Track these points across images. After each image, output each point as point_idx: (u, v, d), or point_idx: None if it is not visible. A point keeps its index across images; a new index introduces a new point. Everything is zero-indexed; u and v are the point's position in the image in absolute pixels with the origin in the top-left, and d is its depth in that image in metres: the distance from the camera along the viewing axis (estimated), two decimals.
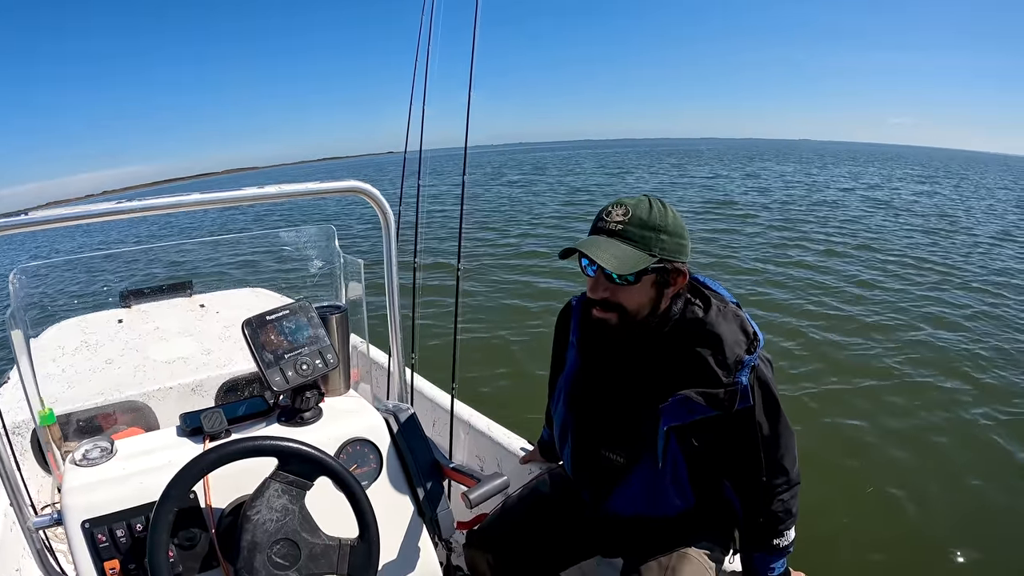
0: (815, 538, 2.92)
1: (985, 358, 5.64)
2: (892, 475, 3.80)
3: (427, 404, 2.38)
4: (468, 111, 2.08)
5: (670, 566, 1.33)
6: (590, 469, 1.41)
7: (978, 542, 3.19)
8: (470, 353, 5.54)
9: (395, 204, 2.08)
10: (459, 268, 2.17)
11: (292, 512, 1.06)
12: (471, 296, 7.64)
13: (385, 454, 1.40)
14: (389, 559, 1.35)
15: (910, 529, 3.33)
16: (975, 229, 13.45)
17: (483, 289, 8.10)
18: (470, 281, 8.37)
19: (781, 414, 1.28)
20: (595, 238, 1.22)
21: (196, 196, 1.26)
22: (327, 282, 1.65)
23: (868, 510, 3.46)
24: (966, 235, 12.61)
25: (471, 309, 7.09)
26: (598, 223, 1.24)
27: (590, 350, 1.40)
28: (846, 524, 3.32)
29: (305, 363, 1.29)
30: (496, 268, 9.45)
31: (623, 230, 1.20)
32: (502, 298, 7.74)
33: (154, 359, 2.19)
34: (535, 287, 8.21)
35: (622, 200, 1.23)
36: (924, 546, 3.19)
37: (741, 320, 1.28)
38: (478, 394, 4.08)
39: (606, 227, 1.22)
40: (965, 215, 15.84)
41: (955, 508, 3.51)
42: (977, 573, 3.01)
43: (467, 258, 2.15)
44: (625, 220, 1.20)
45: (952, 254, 10.48)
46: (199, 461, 1.02)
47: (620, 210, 1.22)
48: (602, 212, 1.25)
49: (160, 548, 0.97)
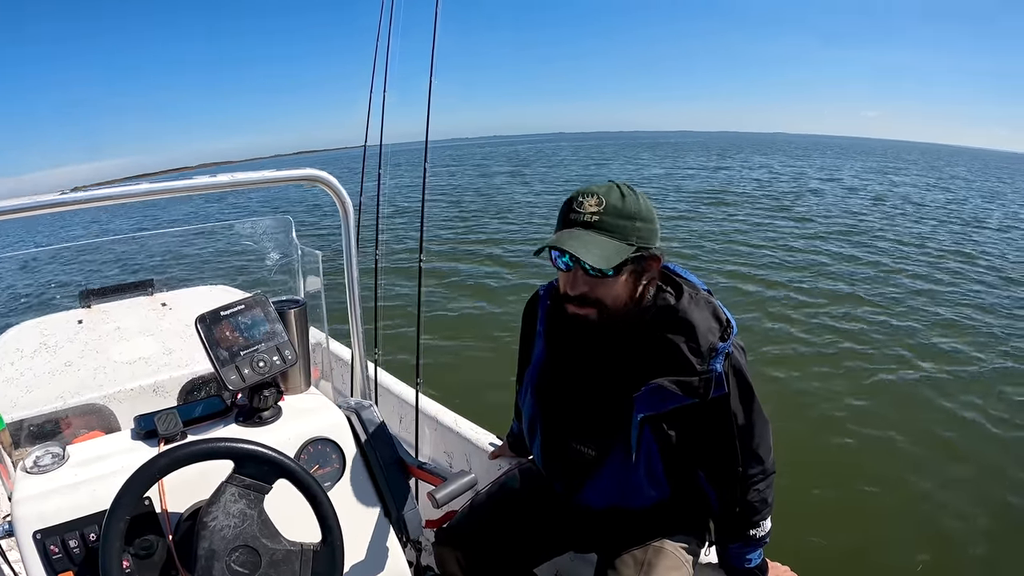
0: (796, 529, 2.98)
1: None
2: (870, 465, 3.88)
3: (393, 400, 2.34)
4: (429, 102, 2.04)
5: (646, 560, 1.31)
6: (561, 462, 1.38)
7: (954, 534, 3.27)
8: (437, 346, 5.55)
9: (357, 197, 2.02)
10: (421, 260, 2.12)
11: (250, 517, 1.00)
12: (439, 287, 7.62)
13: (348, 453, 1.35)
14: (356, 561, 1.31)
15: (890, 519, 3.39)
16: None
17: (451, 280, 8.07)
18: (437, 273, 8.35)
19: (756, 402, 1.26)
20: (572, 231, 1.16)
21: (145, 187, 1.21)
22: (285, 276, 1.59)
23: (851, 501, 3.52)
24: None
25: (438, 300, 7.07)
26: (570, 214, 1.18)
27: (557, 340, 1.36)
28: (830, 516, 3.38)
29: (262, 360, 1.23)
30: (463, 259, 9.44)
31: (599, 221, 1.14)
32: (470, 289, 7.73)
33: (115, 360, 2.12)
34: (504, 277, 8.21)
35: (591, 188, 1.18)
36: (901, 537, 3.26)
37: (713, 307, 1.25)
38: (446, 389, 4.04)
39: (580, 218, 1.16)
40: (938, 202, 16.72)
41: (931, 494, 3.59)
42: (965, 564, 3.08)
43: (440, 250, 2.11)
44: (600, 210, 1.14)
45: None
46: (149, 467, 0.96)
47: (592, 199, 1.16)
48: (571, 202, 1.18)
49: (113, 558, 0.92)
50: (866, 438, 4.15)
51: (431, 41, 1.94)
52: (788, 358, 5.46)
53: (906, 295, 7.55)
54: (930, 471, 3.80)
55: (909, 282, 8.26)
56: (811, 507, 3.38)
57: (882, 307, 6.99)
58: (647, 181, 22.18)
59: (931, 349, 5.78)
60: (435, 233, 11.90)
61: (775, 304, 7.02)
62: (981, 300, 7.56)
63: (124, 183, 1.25)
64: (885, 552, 3.10)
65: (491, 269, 8.94)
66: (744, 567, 1.35)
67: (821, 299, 7.28)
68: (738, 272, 8.47)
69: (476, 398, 4.34)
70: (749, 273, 8.43)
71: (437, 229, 12.46)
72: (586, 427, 1.32)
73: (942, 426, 4.35)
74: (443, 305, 6.95)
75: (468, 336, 5.99)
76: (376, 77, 2.36)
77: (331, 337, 2.59)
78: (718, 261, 9.20)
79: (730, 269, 8.73)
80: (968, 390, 4.91)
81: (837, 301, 7.23)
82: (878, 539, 3.19)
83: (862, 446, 4.06)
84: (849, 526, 3.28)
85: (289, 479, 1.03)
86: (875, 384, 4.98)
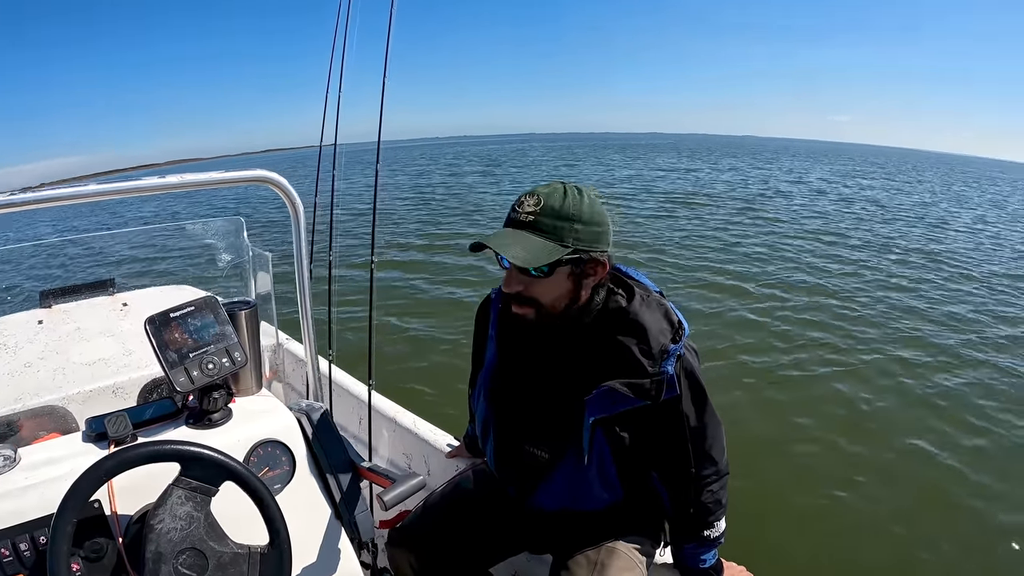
0: (753, 529, 3.03)
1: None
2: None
3: (353, 401, 2.32)
4: (382, 103, 2.04)
5: (599, 561, 1.32)
6: (514, 465, 1.38)
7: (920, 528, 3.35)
8: (396, 347, 5.53)
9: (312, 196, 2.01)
10: (373, 260, 2.12)
11: (197, 520, 1.00)
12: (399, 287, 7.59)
13: (298, 456, 1.35)
14: (308, 564, 1.31)
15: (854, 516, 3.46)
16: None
17: (409, 279, 8.05)
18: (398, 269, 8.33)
19: (708, 404, 1.27)
20: (504, 231, 1.17)
21: (93, 187, 1.19)
22: (238, 276, 1.58)
23: (812, 503, 3.58)
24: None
25: (401, 299, 7.04)
26: (511, 214, 1.19)
27: (509, 343, 1.37)
28: (788, 517, 3.43)
29: (211, 362, 1.23)
30: (421, 259, 9.42)
31: (534, 221, 1.15)
32: (429, 289, 7.71)
33: (74, 361, 2.09)
34: (460, 278, 8.21)
35: (536, 189, 1.18)
36: (874, 532, 3.32)
37: (665, 309, 1.26)
38: (404, 389, 4.03)
39: (517, 218, 1.17)
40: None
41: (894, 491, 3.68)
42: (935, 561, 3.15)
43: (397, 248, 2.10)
44: (536, 210, 1.15)
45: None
46: (96, 470, 0.95)
47: (532, 200, 1.16)
48: (515, 203, 1.19)
49: (61, 562, 0.91)
50: (829, 440, 4.22)
51: (386, 41, 1.94)
52: (754, 353, 5.58)
53: (876, 296, 7.77)
54: (893, 474, 3.87)
55: (877, 280, 8.56)
56: (769, 508, 3.43)
57: (850, 307, 7.16)
58: (618, 183, 22.45)
59: (897, 347, 5.96)
60: (402, 230, 11.93)
61: (745, 303, 7.17)
62: (946, 298, 7.86)
63: (90, 180, 1.23)
64: (843, 553, 3.16)
65: (451, 265, 8.99)
66: (699, 567, 1.36)
67: (789, 297, 7.47)
68: (707, 274, 8.60)
69: (436, 399, 4.35)
70: (719, 273, 8.58)
71: (408, 225, 12.51)
72: (539, 430, 1.32)
73: (907, 429, 4.44)
74: (401, 305, 6.92)
75: (428, 337, 5.98)
76: (333, 77, 2.35)
77: (292, 338, 2.57)
78: (686, 260, 9.35)
79: (700, 269, 8.88)
80: (932, 389, 5.05)
81: (804, 297, 7.45)
82: (836, 541, 3.25)
83: (824, 449, 4.12)
84: (806, 527, 3.34)
85: (235, 481, 1.02)
86: (840, 384, 5.10)
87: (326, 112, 2.36)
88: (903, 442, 4.25)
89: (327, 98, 2.34)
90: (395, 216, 13.73)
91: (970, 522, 3.45)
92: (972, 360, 5.73)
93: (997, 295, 8.23)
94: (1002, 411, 4.71)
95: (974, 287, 8.60)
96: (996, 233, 14.16)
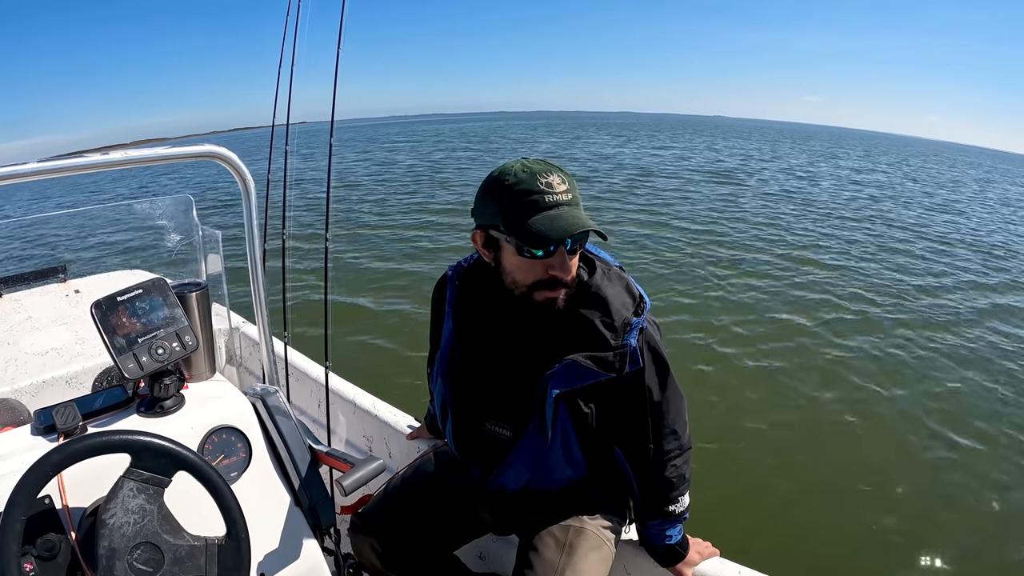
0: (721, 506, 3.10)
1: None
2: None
3: (311, 383, 2.29)
4: (335, 79, 1.98)
5: (567, 541, 1.31)
6: (474, 444, 1.37)
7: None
8: (352, 325, 5.46)
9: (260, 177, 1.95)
10: (327, 238, 2.07)
11: (150, 513, 0.97)
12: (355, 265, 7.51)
13: (254, 442, 1.31)
14: (268, 552, 1.28)
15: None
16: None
17: (370, 259, 7.96)
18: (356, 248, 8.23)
19: (671, 378, 1.28)
20: (570, 211, 1.11)
21: (33, 166, 1.13)
22: (187, 257, 1.53)
23: (777, 481, 3.65)
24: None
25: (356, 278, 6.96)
26: (546, 197, 1.09)
27: (467, 321, 1.34)
28: (755, 494, 3.50)
29: (161, 347, 1.18)
30: (382, 238, 9.33)
31: (573, 198, 1.11)
32: (387, 267, 7.63)
33: (26, 352, 2.03)
34: (422, 258, 8.15)
35: (547, 168, 1.12)
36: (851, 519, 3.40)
37: (627, 282, 1.27)
38: (362, 371, 3.98)
39: (559, 200, 1.10)
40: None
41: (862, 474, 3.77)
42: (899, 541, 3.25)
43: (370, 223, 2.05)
44: (569, 187, 1.11)
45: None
46: (41, 465, 0.91)
47: (556, 179, 1.11)
48: (536, 184, 1.10)
49: (11, 562, 0.87)
50: (797, 418, 4.34)
51: (340, 13, 1.88)
52: (725, 331, 5.69)
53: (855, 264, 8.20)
54: (863, 451, 3.99)
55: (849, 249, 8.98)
56: (737, 485, 3.51)
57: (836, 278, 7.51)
58: (607, 159, 22.68)
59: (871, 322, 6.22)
60: (369, 209, 11.91)
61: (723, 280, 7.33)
62: (913, 269, 8.35)
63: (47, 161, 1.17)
64: (807, 529, 3.25)
65: (414, 240, 8.96)
66: (664, 543, 1.36)
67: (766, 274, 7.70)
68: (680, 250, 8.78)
69: (395, 380, 4.31)
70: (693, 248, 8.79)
71: (371, 205, 12.43)
72: (499, 407, 1.31)
73: (880, 406, 4.58)
74: (358, 284, 6.85)
75: (385, 315, 5.93)
76: (285, 53, 2.28)
77: (246, 320, 2.51)
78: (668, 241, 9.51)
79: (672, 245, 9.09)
80: (906, 369, 5.22)
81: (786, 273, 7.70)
82: (801, 516, 3.34)
83: (792, 426, 4.23)
84: (774, 504, 3.42)
85: (188, 470, 0.99)
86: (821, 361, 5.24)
87: (278, 89, 2.29)
88: (872, 413, 4.42)
89: (279, 74, 2.27)
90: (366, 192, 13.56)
91: (945, 491, 3.61)
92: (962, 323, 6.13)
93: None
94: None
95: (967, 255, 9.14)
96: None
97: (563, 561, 1.28)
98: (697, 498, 1.40)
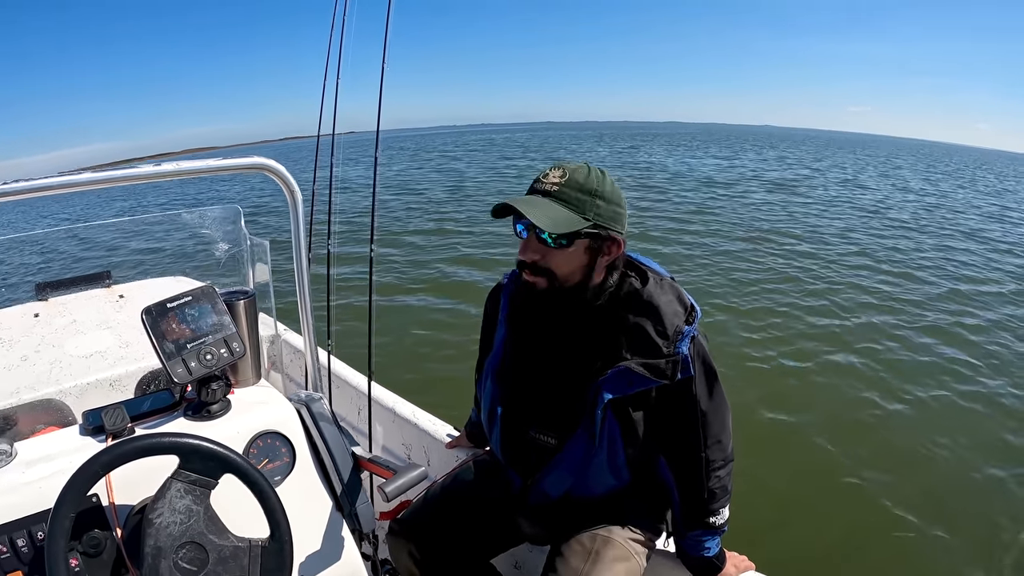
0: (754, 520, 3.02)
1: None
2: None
3: (351, 391, 2.31)
4: (381, 90, 2.01)
5: (593, 549, 1.31)
6: (520, 451, 1.37)
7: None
8: (396, 337, 5.51)
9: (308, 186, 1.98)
10: (372, 249, 2.09)
11: (197, 513, 0.99)
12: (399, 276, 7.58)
13: (298, 447, 1.34)
14: (309, 555, 1.30)
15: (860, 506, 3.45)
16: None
17: (412, 269, 8.04)
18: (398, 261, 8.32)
19: (719, 388, 1.27)
20: (530, 197, 1.20)
21: (87, 176, 1.17)
22: (235, 266, 1.56)
23: (812, 494, 3.57)
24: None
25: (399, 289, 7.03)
26: (534, 184, 1.22)
27: (520, 327, 1.36)
28: (789, 507, 3.41)
29: (209, 353, 1.21)
30: (423, 247, 9.41)
31: (558, 191, 1.17)
32: (433, 277, 7.70)
33: (71, 354, 2.09)
34: (463, 269, 8.20)
35: (561, 163, 1.21)
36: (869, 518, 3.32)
37: (678, 292, 1.27)
38: (403, 379, 4.01)
39: (541, 188, 1.19)
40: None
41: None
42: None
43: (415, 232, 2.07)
44: (561, 182, 1.18)
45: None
46: (92, 464, 0.94)
47: (557, 172, 1.19)
48: (539, 175, 1.22)
49: (58, 557, 0.90)
50: (835, 432, 4.20)
51: (384, 26, 1.91)
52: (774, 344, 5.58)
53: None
54: (902, 466, 3.85)
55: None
56: (771, 498, 3.42)
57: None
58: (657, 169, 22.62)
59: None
60: (419, 215, 12.03)
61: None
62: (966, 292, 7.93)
63: (113, 168, 1.22)
64: (842, 544, 3.16)
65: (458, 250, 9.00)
66: (702, 555, 1.35)
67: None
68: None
69: (436, 390, 4.33)
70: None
71: (422, 213, 12.54)
72: (546, 415, 1.32)
73: (922, 421, 4.43)
74: (404, 294, 6.91)
75: (430, 327, 5.96)
76: (331, 66, 2.32)
77: (289, 328, 2.55)
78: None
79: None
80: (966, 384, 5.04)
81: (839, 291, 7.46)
82: (840, 532, 3.25)
83: (831, 440, 4.10)
84: (806, 519, 3.33)
85: (235, 474, 1.01)
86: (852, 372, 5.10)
87: (324, 99, 2.33)
88: (916, 432, 4.24)
89: (324, 86, 2.31)
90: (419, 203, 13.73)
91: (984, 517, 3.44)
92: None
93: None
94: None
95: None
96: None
97: (587, 568, 1.28)
98: (735, 511, 1.37)
